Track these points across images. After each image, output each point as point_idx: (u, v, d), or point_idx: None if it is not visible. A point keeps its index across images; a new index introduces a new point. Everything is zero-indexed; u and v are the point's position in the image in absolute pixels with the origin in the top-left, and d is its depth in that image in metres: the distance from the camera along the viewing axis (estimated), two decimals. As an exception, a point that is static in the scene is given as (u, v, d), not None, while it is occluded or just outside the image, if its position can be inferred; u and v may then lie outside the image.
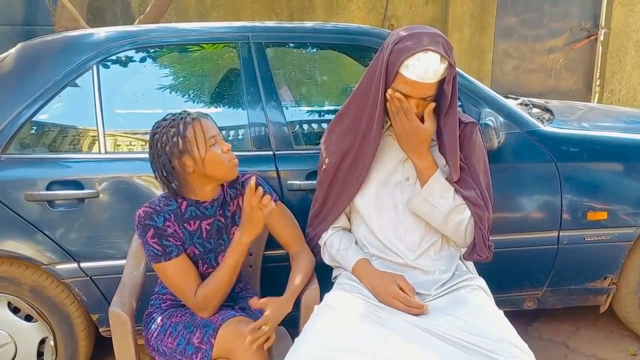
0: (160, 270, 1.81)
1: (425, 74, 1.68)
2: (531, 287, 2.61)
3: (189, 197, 1.86)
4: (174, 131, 1.77)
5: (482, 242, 1.87)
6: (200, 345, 1.76)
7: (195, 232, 1.86)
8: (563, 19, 6.57)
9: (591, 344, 2.81)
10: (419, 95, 1.73)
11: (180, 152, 1.76)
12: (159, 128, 1.80)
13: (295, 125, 2.55)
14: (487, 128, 2.28)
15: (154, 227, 1.77)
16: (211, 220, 1.89)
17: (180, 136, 1.76)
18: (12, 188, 2.19)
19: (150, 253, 1.78)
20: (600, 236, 2.54)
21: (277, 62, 2.62)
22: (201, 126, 1.78)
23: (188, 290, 1.80)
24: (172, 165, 1.78)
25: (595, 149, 2.53)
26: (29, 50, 2.45)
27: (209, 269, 1.88)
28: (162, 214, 1.80)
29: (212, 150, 1.79)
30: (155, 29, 2.55)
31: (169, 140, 1.76)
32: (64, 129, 2.40)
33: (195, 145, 1.77)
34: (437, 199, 1.83)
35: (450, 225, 1.85)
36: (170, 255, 1.78)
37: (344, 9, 6.30)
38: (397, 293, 1.78)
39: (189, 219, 1.85)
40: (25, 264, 2.26)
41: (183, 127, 1.77)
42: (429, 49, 1.67)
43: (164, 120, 1.82)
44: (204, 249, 1.86)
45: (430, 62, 1.67)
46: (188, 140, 1.76)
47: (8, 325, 2.31)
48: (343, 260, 1.94)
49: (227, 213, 1.93)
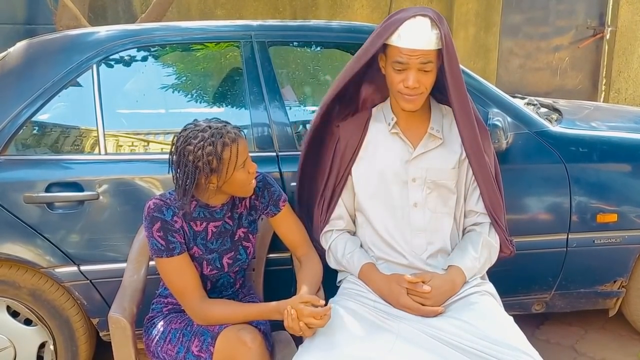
0: (160, 265, 1.77)
1: (418, 39, 1.71)
2: (539, 291, 2.57)
3: (200, 199, 1.82)
4: (211, 150, 1.68)
5: (504, 240, 1.92)
6: (199, 354, 1.73)
7: (201, 233, 1.83)
8: (569, 17, 6.53)
9: (600, 347, 2.77)
10: (416, 64, 1.73)
11: (211, 170, 1.70)
12: (195, 140, 1.70)
13: (298, 126, 2.52)
14: (495, 129, 2.24)
15: (161, 221, 1.74)
16: (219, 223, 1.86)
17: (217, 157, 1.69)
18: (10, 190, 2.15)
19: (153, 246, 1.75)
20: (610, 239, 2.50)
21: (280, 61, 2.59)
22: (238, 150, 1.72)
23: (186, 290, 1.75)
24: (198, 179, 1.72)
25: (604, 150, 2.50)
26: (28, 49, 2.42)
27: (213, 270, 1.84)
28: (171, 208, 1.77)
29: (240, 173, 1.75)
30: (157, 28, 2.52)
31: (202, 157, 1.68)
32: (63, 130, 2.37)
33: (227, 167, 1.71)
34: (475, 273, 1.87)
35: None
36: (172, 252, 1.74)
37: (348, 7, 6.27)
38: (409, 305, 1.74)
39: (197, 219, 1.82)
40: (24, 267, 2.22)
41: (221, 149, 1.69)
42: (417, 15, 1.73)
43: (198, 127, 1.72)
44: (206, 250, 1.83)
45: (420, 27, 1.71)
46: (222, 162, 1.70)
47: (7, 329, 2.28)
48: (349, 265, 1.91)
49: (235, 215, 1.90)
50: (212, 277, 1.86)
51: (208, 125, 1.72)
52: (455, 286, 1.79)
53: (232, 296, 1.94)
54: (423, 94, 1.79)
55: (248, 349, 1.67)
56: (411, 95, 1.77)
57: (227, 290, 1.93)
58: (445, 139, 1.89)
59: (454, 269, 1.81)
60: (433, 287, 1.74)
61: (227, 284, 1.92)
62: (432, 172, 1.86)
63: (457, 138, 1.88)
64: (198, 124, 1.75)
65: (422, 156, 1.86)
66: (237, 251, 1.88)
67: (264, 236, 2.19)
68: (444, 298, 1.76)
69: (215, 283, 1.89)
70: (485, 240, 1.87)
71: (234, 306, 1.77)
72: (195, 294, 1.76)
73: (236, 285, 1.95)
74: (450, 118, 1.91)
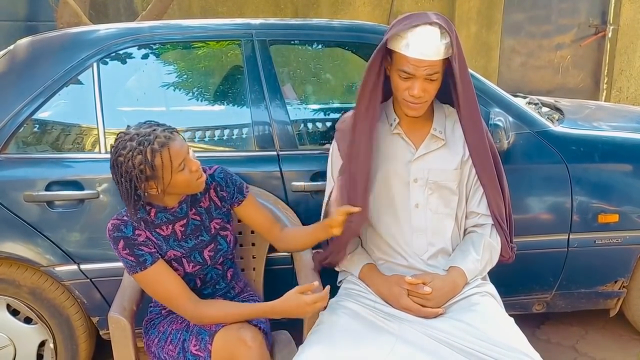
0: (139, 280, 1.74)
1: (426, 50, 1.67)
2: (540, 291, 2.56)
3: (155, 203, 1.79)
4: (140, 159, 1.62)
5: (505, 244, 1.91)
6: (198, 353, 1.72)
7: (170, 236, 1.80)
8: (571, 16, 6.51)
9: (600, 347, 2.76)
10: (422, 74, 1.71)
11: (147, 179, 1.66)
12: (123, 150, 1.64)
13: (299, 125, 2.51)
14: (496, 129, 2.23)
15: (123, 238, 1.70)
16: (184, 221, 1.83)
17: (148, 165, 1.63)
18: (10, 188, 2.15)
19: (126, 265, 1.72)
20: (611, 239, 2.49)
21: (282, 60, 2.58)
22: (169, 154, 1.65)
23: (172, 295, 1.72)
24: (137, 189, 1.67)
25: (606, 150, 2.49)
26: (29, 47, 2.41)
27: (196, 266, 1.82)
28: (129, 223, 1.73)
29: (180, 175, 1.69)
30: (158, 26, 2.51)
31: (134, 168, 1.64)
32: (64, 128, 2.36)
33: (162, 173, 1.66)
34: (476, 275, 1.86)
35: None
36: (145, 265, 1.70)
37: (349, 5, 6.26)
38: (409, 306, 1.74)
39: (160, 224, 1.79)
40: (24, 265, 2.22)
41: (151, 156, 1.63)
42: (429, 22, 1.68)
43: (127, 137, 1.66)
44: (183, 250, 1.81)
45: (429, 37, 1.67)
46: (156, 169, 1.65)
47: (7, 328, 2.27)
48: (349, 265, 1.90)
49: (201, 210, 1.87)
50: (198, 273, 1.84)
51: (136, 133, 1.66)
52: (456, 287, 1.78)
53: (227, 289, 1.93)
54: (427, 102, 1.79)
55: (248, 347, 1.66)
56: (415, 104, 1.76)
57: (220, 283, 1.91)
58: (448, 140, 1.88)
59: (455, 270, 1.80)
60: (434, 289, 1.73)
61: (217, 277, 1.90)
62: (434, 173, 1.85)
63: (460, 139, 1.87)
64: (128, 131, 1.68)
65: (424, 157, 1.86)
66: (216, 242, 1.87)
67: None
68: (445, 299, 1.76)
69: (203, 279, 1.88)
70: (487, 242, 1.86)
71: (228, 307, 1.75)
72: (182, 297, 1.72)
73: (227, 277, 1.93)
74: (453, 119, 1.90)
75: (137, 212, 1.72)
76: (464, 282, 1.80)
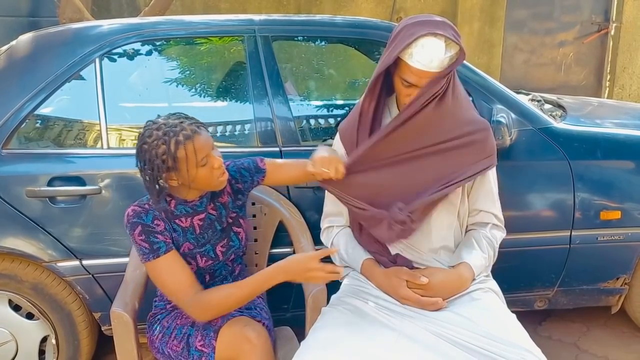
0: (150, 269, 1.73)
1: (430, 63, 1.65)
2: (542, 287, 2.56)
3: (176, 196, 1.79)
4: (164, 149, 1.63)
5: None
6: (202, 349, 1.72)
7: (188, 229, 1.80)
8: (574, 13, 6.50)
9: (602, 344, 2.76)
10: (424, 84, 1.70)
11: (167, 169, 1.66)
12: (149, 138, 1.65)
13: (302, 121, 2.51)
14: (499, 125, 2.23)
15: (141, 225, 1.70)
16: (203, 215, 1.83)
17: (170, 156, 1.63)
18: (13, 184, 2.15)
19: (139, 252, 1.71)
20: (614, 236, 2.49)
21: (284, 56, 2.58)
22: (194, 147, 1.65)
23: (181, 287, 1.69)
24: (159, 179, 1.68)
25: (609, 147, 2.49)
26: (30, 42, 2.41)
27: (209, 261, 1.82)
28: (150, 212, 1.73)
29: (203, 170, 1.69)
30: (160, 22, 2.51)
31: (157, 157, 1.64)
32: (66, 124, 2.36)
33: (185, 165, 1.66)
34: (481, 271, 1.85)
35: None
36: (158, 253, 1.69)
37: (352, 1, 6.25)
38: (408, 296, 1.73)
39: (180, 216, 1.79)
40: (26, 261, 2.22)
41: (175, 147, 1.63)
42: (434, 33, 1.64)
43: (155, 125, 1.67)
44: (197, 243, 1.81)
45: (435, 49, 1.65)
46: (178, 161, 1.65)
47: (9, 323, 2.28)
48: (351, 261, 1.90)
49: (218, 204, 1.87)
50: (209, 268, 1.84)
51: (163, 123, 1.66)
52: (463, 281, 1.77)
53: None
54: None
55: (253, 345, 1.66)
56: None
57: (227, 279, 1.91)
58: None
59: (462, 265, 1.79)
60: (437, 280, 1.73)
61: (225, 273, 1.90)
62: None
63: None
64: (156, 120, 1.69)
65: None
66: (229, 238, 1.87)
67: (266, 232, 2.19)
68: (451, 293, 1.75)
69: (213, 274, 1.88)
70: (489, 239, 1.86)
71: (228, 287, 1.73)
72: (190, 290, 1.69)
73: (235, 272, 1.93)
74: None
75: (159, 201, 1.71)
76: (471, 276, 1.78)
